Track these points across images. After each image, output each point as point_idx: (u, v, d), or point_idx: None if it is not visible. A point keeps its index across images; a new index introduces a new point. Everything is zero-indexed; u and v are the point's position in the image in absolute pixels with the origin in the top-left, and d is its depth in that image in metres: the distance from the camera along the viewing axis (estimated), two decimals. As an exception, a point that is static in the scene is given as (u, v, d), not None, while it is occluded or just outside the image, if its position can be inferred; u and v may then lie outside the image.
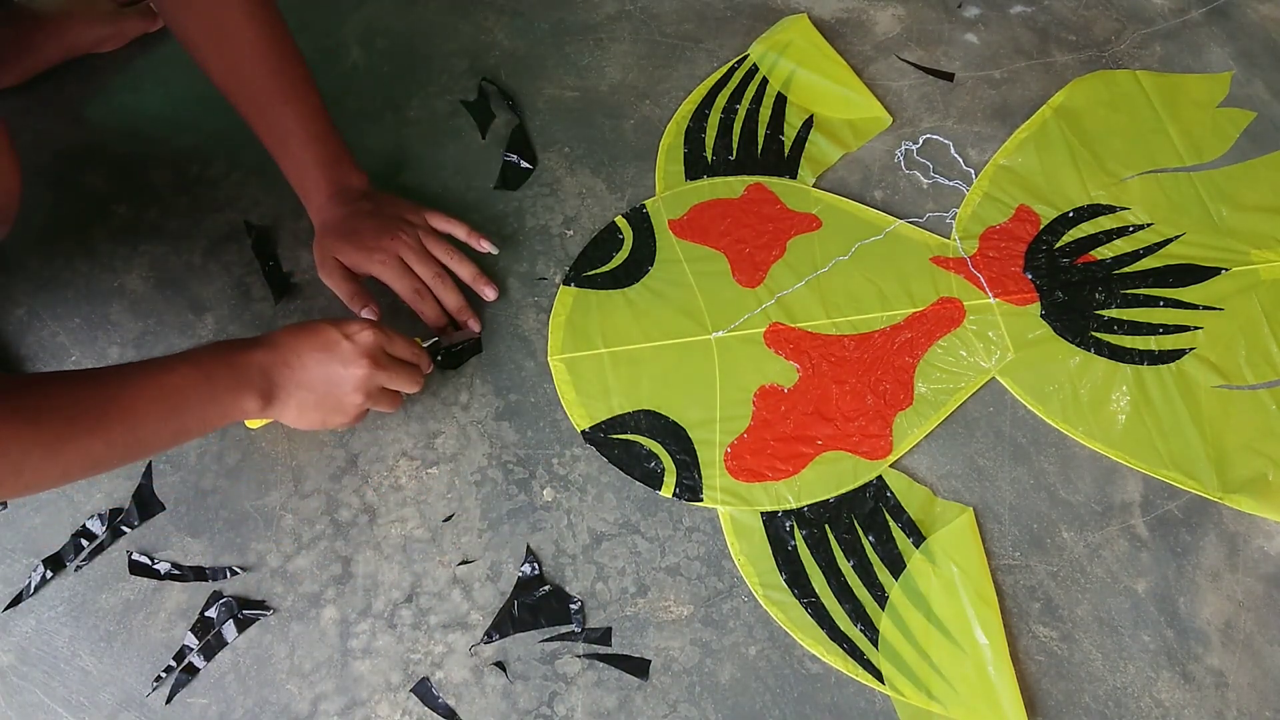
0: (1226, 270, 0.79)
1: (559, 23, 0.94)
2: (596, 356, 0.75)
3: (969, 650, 0.64)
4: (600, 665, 0.65)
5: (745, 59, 0.91)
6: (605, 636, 0.66)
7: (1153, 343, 0.76)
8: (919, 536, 0.68)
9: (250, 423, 0.70)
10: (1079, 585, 0.68)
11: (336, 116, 0.74)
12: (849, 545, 0.68)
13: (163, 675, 0.64)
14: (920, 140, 0.87)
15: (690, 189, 0.84)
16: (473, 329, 0.76)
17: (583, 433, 0.73)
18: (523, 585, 0.67)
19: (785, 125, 0.87)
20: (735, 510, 0.70)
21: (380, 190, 0.76)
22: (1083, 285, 0.79)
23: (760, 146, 0.86)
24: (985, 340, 0.76)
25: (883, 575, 0.67)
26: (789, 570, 0.68)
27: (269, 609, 0.67)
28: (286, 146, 0.72)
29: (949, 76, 0.92)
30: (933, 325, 0.77)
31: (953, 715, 0.62)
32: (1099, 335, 0.77)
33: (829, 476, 0.71)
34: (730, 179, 0.84)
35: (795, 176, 0.84)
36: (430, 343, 0.73)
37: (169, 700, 0.64)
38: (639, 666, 0.65)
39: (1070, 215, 0.82)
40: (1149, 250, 0.80)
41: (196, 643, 0.65)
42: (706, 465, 0.71)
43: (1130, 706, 0.64)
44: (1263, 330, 0.76)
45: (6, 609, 0.67)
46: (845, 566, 0.68)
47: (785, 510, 0.70)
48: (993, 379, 0.75)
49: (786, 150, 0.86)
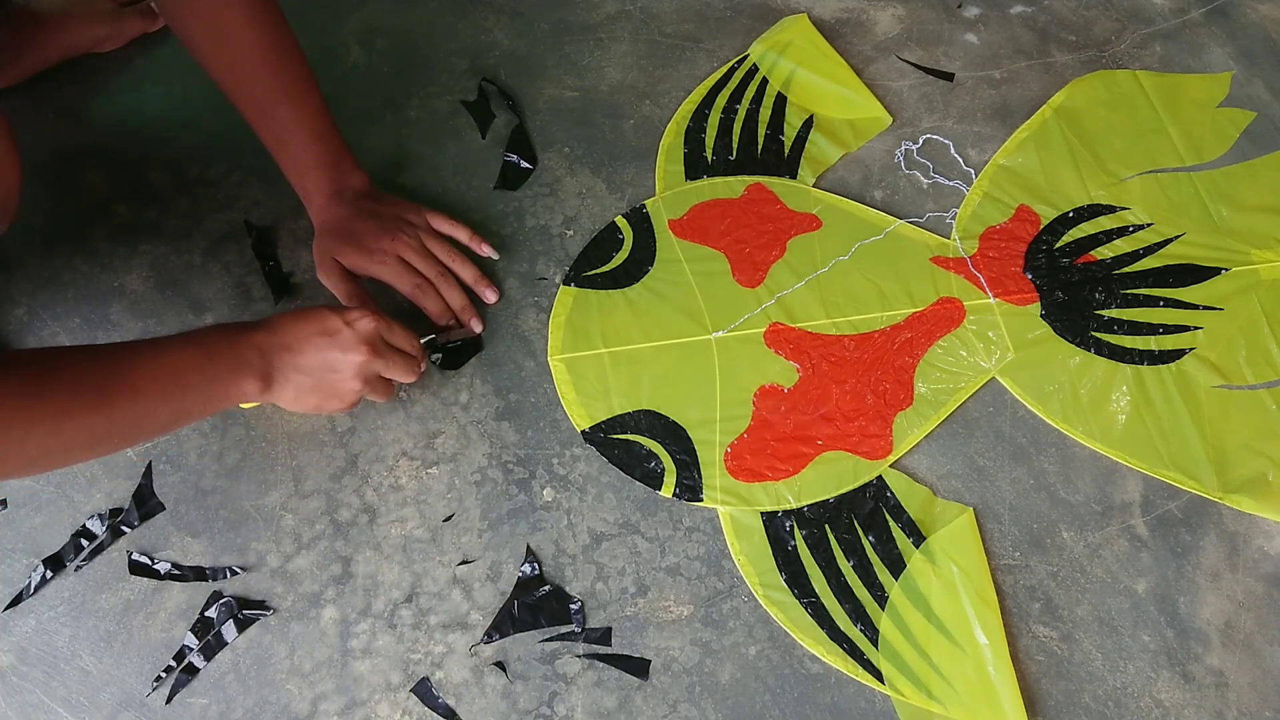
0: (1226, 270, 0.79)
1: (559, 23, 0.94)
2: (596, 356, 0.75)
3: (969, 650, 0.64)
4: (600, 665, 0.65)
5: (745, 59, 0.91)
6: (605, 636, 0.66)
7: (1153, 343, 0.76)
8: (919, 536, 0.68)
9: (243, 404, 0.70)
10: (1079, 585, 0.68)
11: (336, 116, 0.74)
12: (849, 545, 0.68)
13: (163, 675, 0.64)
14: (920, 140, 0.87)
15: (690, 189, 0.84)
16: (475, 329, 0.76)
17: (583, 433, 0.73)
18: (523, 585, 0.67)
19: (785, 125, 0.87)
20: (735, 510, 0.70)
21: (381, 190, 0.77)
22: (1083, 285, 0.79)
23: (760, 146, 0.86)
24: (985, 340, 0.76)
25: (883, 575, 0.67)
26: (789, 570, 0.67)
27: (269, 609, 0.67)
28: (287, 146, 0.72)
29: (949, 76, 0.92)
30: (933, 325, 0.77)
31: (953, 715, 0.62)
32: (1099, 335, 0.77)
33: (829, 476, 0.71)
34: (730, 179, 0.84)
35: (795, 176, 0.84)
36: (426, 340, 0.73)
37: (169, 700, 0.64)
38: (639, 666, 0.65)
39: (1070, 215, 0.82)
40: (1149, 250, 0.80)
41: (196, 643, 0.65)
42: (706, 465, 0.71)
43: (1130, 706, 0.64)
44: (1263, 330, 0.76)
45: (6, 609, 0.67)
46: (845, 566, 0.68)
47: (785, 510, 0.70)
48: (993, 379, 0.75)
49: (786, 150, 0.85)
